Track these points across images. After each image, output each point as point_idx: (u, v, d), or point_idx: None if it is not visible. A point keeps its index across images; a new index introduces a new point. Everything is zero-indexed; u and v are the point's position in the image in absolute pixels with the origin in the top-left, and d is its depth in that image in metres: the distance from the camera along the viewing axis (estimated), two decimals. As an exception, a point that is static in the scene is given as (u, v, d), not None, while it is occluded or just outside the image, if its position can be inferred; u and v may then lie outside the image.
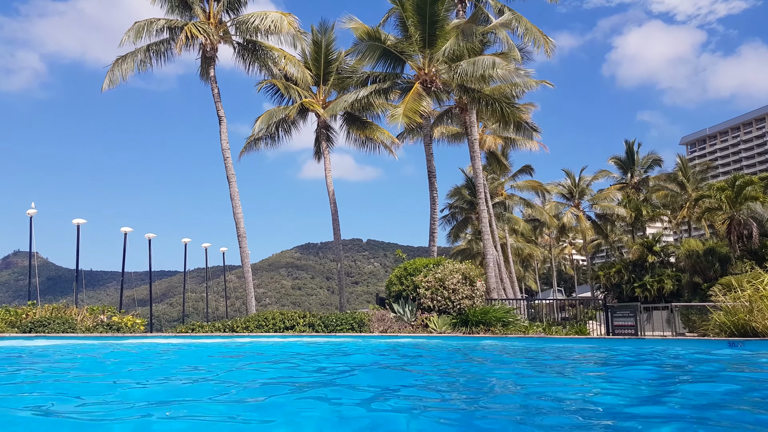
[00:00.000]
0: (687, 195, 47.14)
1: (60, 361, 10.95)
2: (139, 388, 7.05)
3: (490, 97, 25.44)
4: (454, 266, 19.09)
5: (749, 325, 13.36)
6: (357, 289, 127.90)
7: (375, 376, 8.15)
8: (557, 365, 9.66)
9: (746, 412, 5.02)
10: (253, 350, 13.21)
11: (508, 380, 7.78)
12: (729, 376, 7.96)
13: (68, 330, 17.82)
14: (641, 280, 34.74)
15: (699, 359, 10.43)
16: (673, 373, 8.63)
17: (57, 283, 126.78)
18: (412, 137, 33.08)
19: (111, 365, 10.15)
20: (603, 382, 7.55)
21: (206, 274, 41.00)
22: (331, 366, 9.58)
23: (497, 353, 12.18)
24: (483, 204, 26.80)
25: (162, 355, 12.27)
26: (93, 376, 8.55)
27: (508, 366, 9.74)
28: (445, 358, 11.23)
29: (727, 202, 31.70)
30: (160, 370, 9.34)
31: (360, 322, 18.15)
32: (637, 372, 8.70)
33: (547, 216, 50.92)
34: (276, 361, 10.76)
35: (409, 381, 7.66)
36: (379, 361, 10.70)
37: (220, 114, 26.49)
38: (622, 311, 17.49)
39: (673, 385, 7.01)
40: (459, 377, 8.10)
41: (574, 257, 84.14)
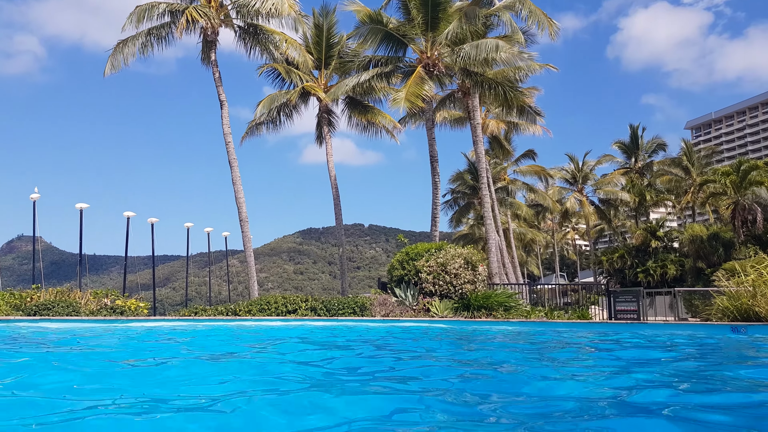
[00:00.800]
0: (691, 180, 46.90)
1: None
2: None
3: (493, 80, 25.22)
4: (456, 251, 19.06)
5: (752, 309, 13.32)
6: (359, 274, 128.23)
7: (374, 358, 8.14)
8: (557, 348, 9.65)
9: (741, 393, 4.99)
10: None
11: (506, 363, 7.78)
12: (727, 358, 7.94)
13: (72, 313, 17.90)
14: (644, 265, 34.66)
15: (701, 343, 10.39)
16: (678, 355, 8.60)
17: (60, 268, 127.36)
18: (414, 122, 32.89)
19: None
20: (599, 365, 7.52)
21: (209, 259, 41.14)
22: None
23: (498, 337, 12.16)
24: (485, 189, 26.68)
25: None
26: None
27: (508, 350, 9.73)
28: (446, 341, 11.22)
29: (732, 187, 31.49)
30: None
31: (362, 307, 18.17)
32: (638, 355, 8.67)
33: (550, 201, 50.76)
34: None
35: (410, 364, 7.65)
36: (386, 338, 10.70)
37: (222, 98, 26.34)
38: (624, 296, 17.48)
39: (678, 369, 6.98)
40: (459, 360, 8.09)
41: (577, 242, 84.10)
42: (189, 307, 22.65)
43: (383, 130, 30.78)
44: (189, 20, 24.55)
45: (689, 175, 47.37)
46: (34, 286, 20.68)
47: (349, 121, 30.80)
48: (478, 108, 27.79)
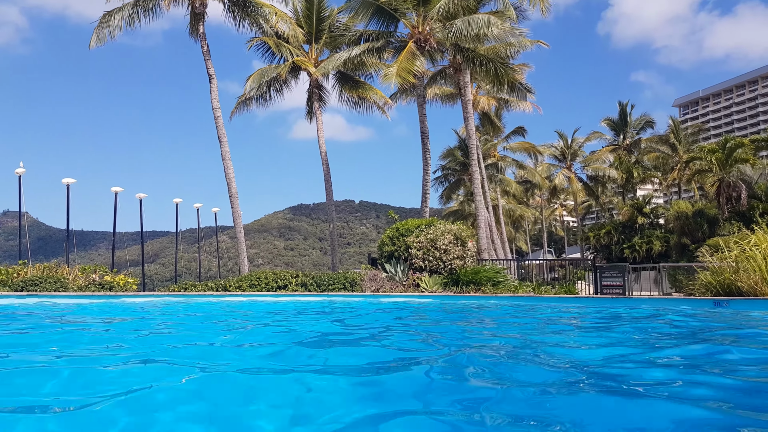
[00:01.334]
0: (678, 157, 47.30)
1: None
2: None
3: (485, 57, 25.16)
4: (445, 227, 19.23)
5: (735, 284, 13.63)
6: (349, 250, 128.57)
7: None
8: (541, 320, 9.88)
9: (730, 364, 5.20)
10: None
11: (492, 332, 7.99)
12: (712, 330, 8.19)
13: (60, 289, 17.91)
14: (630, 241, 35.11)
15: (683, 316, 10.67)
16: (657, 327, 8.85)
17: (48, 243, 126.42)
18: (405, 98, 32.80)
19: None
20: (581, 336, 7.74)
21: (198, 235, 41.07)
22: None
23: (484, 310, 12.40)
24: (475, 165, 26.79)
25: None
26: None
27: (496, 320, 9.96)
28: (434, 315, 11.44)
29: (718, 164, 31.82)
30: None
31: (352, 282, 18.35)
32: (623, 327, 8.91)
33: (539, 177, 51.04)
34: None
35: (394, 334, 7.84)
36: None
37: (210, 72, 26.09)
38: (610, 271, 17.77)
39: (658, 340, 7.21)
40: (444, 331, 8.29)
41: (565, 218, 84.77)
42: (179, 283, 22.71)
43: (374, 106, 30.70)
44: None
45: (676, 153, 47.76)
46: (21, 262, 20.59)
47: (339, 96, 30.68)
48: (469, 84, 27.75)
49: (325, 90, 30.74)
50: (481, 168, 31.99)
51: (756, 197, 30.77)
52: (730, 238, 16.54)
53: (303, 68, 29.09)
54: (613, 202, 57.01)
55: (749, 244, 14.11)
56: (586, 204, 62.98)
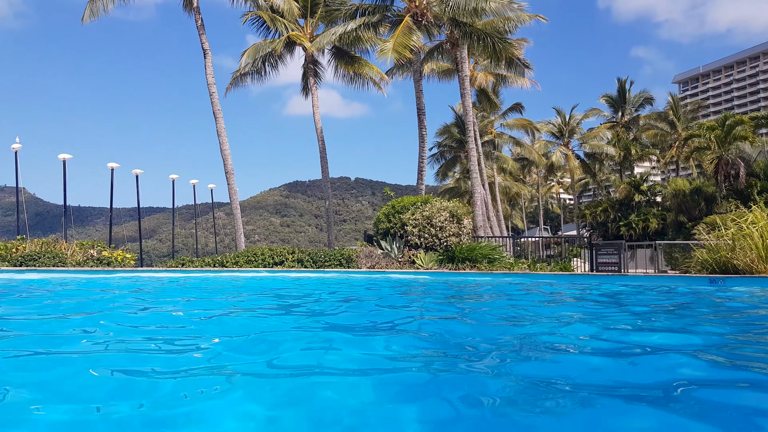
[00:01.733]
0: (677, 134, 47.13)
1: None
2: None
3: (482, 31, 24.83)
4: (441, 204, 19.17)
5: (731, 262, 13.64)
6: (345, 227, 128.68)
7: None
8: (533, 295, 9.89)
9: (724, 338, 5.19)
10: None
11: (485, 307, 7.99)
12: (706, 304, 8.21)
13: (59, 264, 17.88)
14: (627, 218, 35.17)
15: (678, 293, 10.68)
16: (654, 303, 8.85)
17: (45, 219, 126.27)
18: (402, 73, 32.46)
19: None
20: (574, 311, 7.73)
21: (195, 211, 40.96)
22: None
23: (479, 287, 12.41)
24: (472, 142, 26.63)
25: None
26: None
27: (490, 296, 9.97)
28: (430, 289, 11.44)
29: (716, 142, 31.72)
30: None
31: (348, 258, 18.34)
32: (615, 303, 8.91)
33: (535, 155, 50.86)
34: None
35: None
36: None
37: (205, 47, 25.73)
38: (606, 249, 17.78)
39: (653, 314, 7.21)
40: (438, 305, 8.29)
41: (562, 196, 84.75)
42: (176, 259, 22.69)
43: (370, 82, 30.39)
44: (169, -36, 23.72)
45: (675, 130, 47.57)
46: (20, 237, 20.54)
47: (335, 72, 30.33)
48: (466, 60, 27.44)
49: (321, 65, 30.41)
50: (477, 145, 31.82)
51: (754, 175, 30.75)
52: (728, 216, 16.52)
53: (298, 43, 28.71)
54: (610, 179, 56.93)
55: (746, 222, 14.07)
56: (583, 181, 62.88)
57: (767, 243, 13.16)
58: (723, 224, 15.64)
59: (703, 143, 35.19)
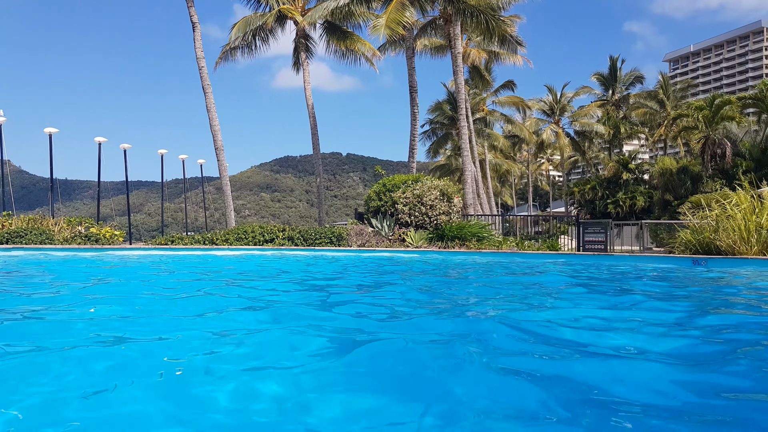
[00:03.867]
0: (666, 113, 47.35)
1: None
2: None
3: (475, 8, 24.69)
4: (432, 183, 19.30)
5: (714, 243, 13.92)
6: (336, 203, 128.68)
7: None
8: (516, 276, 10.10)
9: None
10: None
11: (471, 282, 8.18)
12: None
13: (46, 241, 17.82)
14: (614, 196, 35.51)
15: (661, 274, 10.94)
16: (637, 284, 9.09)
17: (31, 192, 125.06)
18: (394, 49, 32.24)
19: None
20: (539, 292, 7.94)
21: (184, 186, 40.81)
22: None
23: (465, 263, 12.62)
24: (464, 120, 26.65)
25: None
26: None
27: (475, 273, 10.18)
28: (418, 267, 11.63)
29: (704, 122, 31.94)
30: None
31: (339, 237, 18.48)
32: (596, 284, 9.14)
33: (526, 132, 50.95)
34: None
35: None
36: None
37: (194, 20, 25.38)
38: (593, 227, 18.03)
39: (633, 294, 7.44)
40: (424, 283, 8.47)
41: (551, 173, 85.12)
42: (165, 235, 22.72)
43: (362, 58, 30.17)
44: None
45: (664, 109, 47.78)
46: (6, 213, 20.41)
47: (327, 47, 30.06)
48: (459, 37, 27.30)
49: (313, 40, 30.14)
50: (469, 122, 31.83)
51: (740, 155, 31.09)
52: (712, 196, 16.81)
53: (290, 17, 28.40)
54: (599, 157, 57.25)
55: (730, 203, 14.33)
56: (573, 159, 63.21)
57: (750, 225, 13.44)
58: (707, 205, 15.92)
59: (691, 123, 35.43)
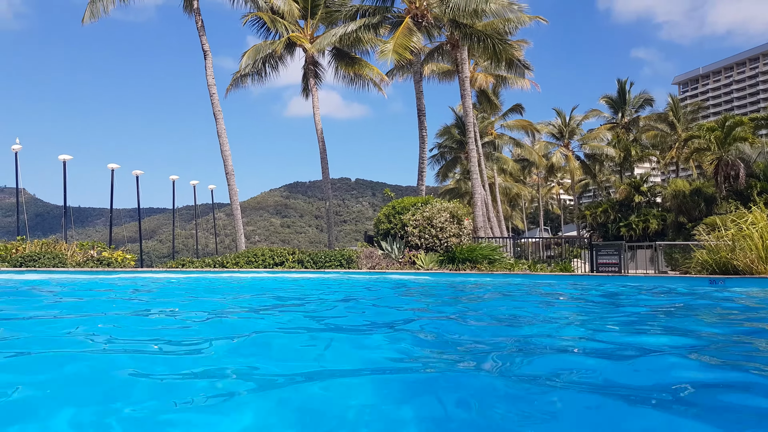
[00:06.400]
0: (677, 135, 47.12)
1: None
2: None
3: (482, 33, 24.87)
4: (442, 205, 19.20)
5: (731, 263, 13.65)
6: (345, 228, 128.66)
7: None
8: (534, 295, 9.90)
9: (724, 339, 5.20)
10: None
11: (484, 307, 8.00)
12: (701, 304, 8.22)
13: (59, 265, 17.90)
14: (627, 219, 35.17)
15: (678, 293, 10.69)
16: (654, 304, 8.86)
17: (45, 220, 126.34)
18: (402, 74, 32.49)
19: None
20: (574, 311, 7.75)
21: (195, 212, 40.98)
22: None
23: (479, 287, 12.42)
24: (472, 143, 26.65)
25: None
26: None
27: (488, 296, 9.98)
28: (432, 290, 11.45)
29: (716, 143, 31.70)
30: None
31: (348, 259, 18.36)
32: (614, 303, 8.93)
33: (536, 156, 50.88)
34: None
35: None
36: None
37: (205, 48, 25.75)
38: (606, 249, 17.79)
39: (656, 316, 7.23)
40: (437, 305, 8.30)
41: (562, 197, 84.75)
42: (176, 260, 22.72)
43: (370, 83, 30.42)
44: (170, -35, 23.76)
45: (675, 131, 47.57)
46: (20, 238, 20.56)
47: (335, 73, 30.37)
48: (466, 61, 27.48)
49: (321, 67, 30.44)
50: (477, 146, 31.84)
51: (754, 176, 30.75)
52: (727, 217, 16.54)
53: (298, 44, 28.74)
54: (610, 180, 56.95)
55: (746, 222, 14.10)
56: (583, 182, 62.90)
57: (767, 243, 13.18)
58: (723, 225, 15.67)
59: (702, 144, 35.18)
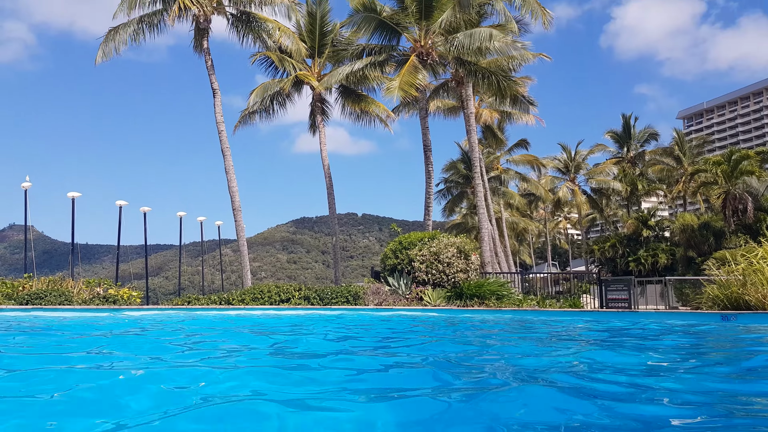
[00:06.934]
0: (683, 169, 47.14)
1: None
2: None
3: (487, 70, 25.19)
4: (449, 240, 19.14)
5: (742, 298, 13.46)
6: (352, 263, 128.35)
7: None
8: (546, 333, 9.75)
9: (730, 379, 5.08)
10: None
11: (495, 347, 7.87)
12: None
13: (65, 302, 17.85)
14: (636, 254, 34.92)
15: (691, 331, 10.52)
16: (668, 342, 8.71)
17: (53, 257, 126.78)
18: (408, 111, 32.85)
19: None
20: (592, 352, 7.61)
21: (202, 248, 41.08)
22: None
23: (487, 323, 12.27)
24: (478, 178, 26.73)
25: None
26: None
27: (498, 334, 9.83)
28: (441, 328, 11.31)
29: (723, 177, 31.67)
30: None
31: (355, 295, 18.23)
32: (627, 341, 8.77)
33: (542, 190, 50.92)
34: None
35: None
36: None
37: (214, 87, 26.19)
38: (616, 285, 17.60)
39: (677, 357, 7.09)
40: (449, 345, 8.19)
41: (569, 231, 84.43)
42: (182, 296, 22.65)
43: (377, 119, 30.74)
44: (181, 8, 24.35)
45: (681, 165, 47.60)
46: (27, 276, 20.59)
47: (342, 110, 30.75)
48: (471, 97, 27.77)
49: (328, 103, 30.84)
50: (484, 181, 31.93)
51: (762, 209, 30.59)
52: (737, 251, 16.39)
53: (306, 82, 29.18)
54: (617, 214, 56.77)
55: (756, 257, 13.95)
56: (591, 217, 62.73)
57: (779, 278, 13.01)
58: (733, 259, 15.51)
59: (709, 178, 35.13)
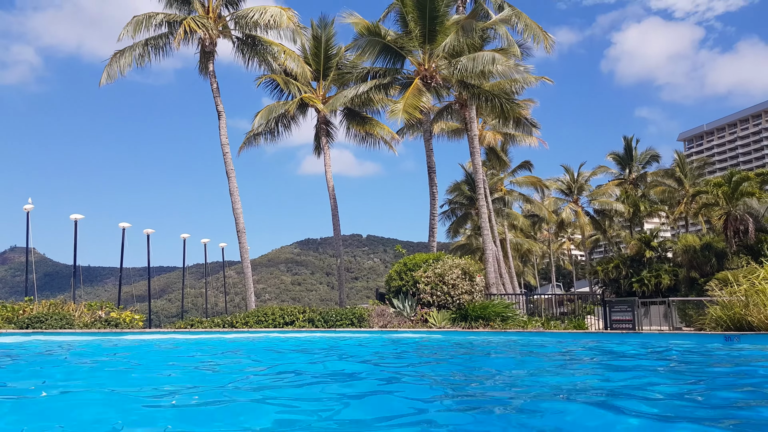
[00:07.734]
0: (684, 191, 47.30)
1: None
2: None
3: (490, 92, 25.50)
4: (453, 261, 19.21)
5: (745, 319, 13.50)
6: (357, 285, 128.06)
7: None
8: (552, 356, 9.79)
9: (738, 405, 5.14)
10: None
11: (503, 370, 7.92)
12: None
13: (66, 326, 17.73)
14: (639, 275, 34.87)
15: (694, 352, 10.55)
16: (672, 363, 8.75)
17: (54, 279, 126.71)
18: (412, 133, 33.14)
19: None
20: (598, 373, 7.66)
21: (205, 270, 41.10)
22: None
23: (493, 345, 12.30)
24: (482, 199, 26.88)
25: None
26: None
27: (506, 357, 9.87)
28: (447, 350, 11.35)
29: (724, 198, 31.74)
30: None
31: (360, 318, 18.26)
32: (633, 363, 8.82)
33: (546, 211, 51.05)
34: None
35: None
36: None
37: (219, 109, 26.51)
38: (620, 306, 17.62)
39: (684, 380, 7.14)
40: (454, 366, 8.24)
41: (573, 252, 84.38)
42: (185, 319, 22.64)
43: (381, 141, 31.03)
44: (187, 31, 24.73)
45: (682, 186, 47.78)
46: (27, 299, 20.47)
47: (347, 132, 31.07)
48: (475, 120, 28.06)
49: (333, 126, 31.16)
50: (488, 202, 32.08)
51: (764, 230, 30.63)
52: (739, 272, 16.42)
53: (311, 105, 29.52)
54: (620, 235, 56.79)
55: (758, 278, 14.01)
56: (594, 238, 62.76)
57: (782, 299, 13.06)
58: (735, 280, 15.56)
59: (710, 199, 35.23)
